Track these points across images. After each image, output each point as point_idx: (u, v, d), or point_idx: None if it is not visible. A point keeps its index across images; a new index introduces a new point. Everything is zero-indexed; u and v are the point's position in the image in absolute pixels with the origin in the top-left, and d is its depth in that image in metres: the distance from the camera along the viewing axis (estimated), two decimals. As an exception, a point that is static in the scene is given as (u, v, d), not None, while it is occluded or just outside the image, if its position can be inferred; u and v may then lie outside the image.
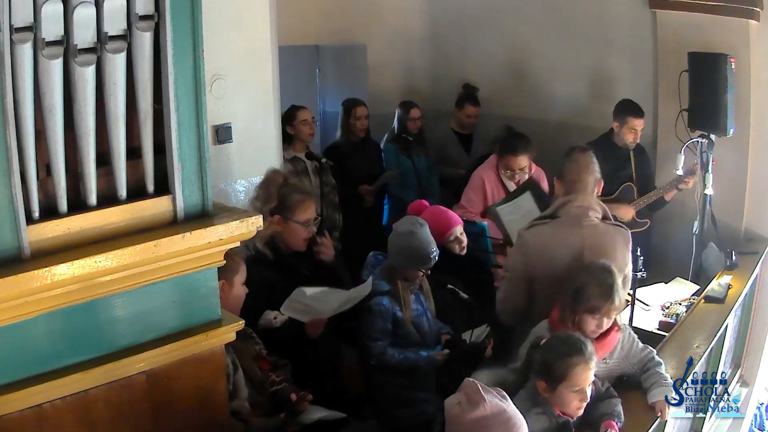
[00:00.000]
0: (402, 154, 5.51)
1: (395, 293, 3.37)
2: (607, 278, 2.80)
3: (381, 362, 3.38)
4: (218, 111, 3.72)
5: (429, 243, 3.36)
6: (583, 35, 5.67)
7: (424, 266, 3.37)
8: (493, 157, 4.62)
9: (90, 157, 1.97)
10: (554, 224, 3.16)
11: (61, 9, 1.84)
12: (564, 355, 2.51)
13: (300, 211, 3.27)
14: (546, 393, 2.54)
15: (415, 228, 3.38)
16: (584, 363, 2.51)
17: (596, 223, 3.13)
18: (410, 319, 3.40)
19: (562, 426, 2.57)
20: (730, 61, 4.39)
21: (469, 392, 2.12)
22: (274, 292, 3.17)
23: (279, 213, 3.26)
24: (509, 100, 6.17)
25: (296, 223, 3.27)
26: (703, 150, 4.66)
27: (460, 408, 2.12)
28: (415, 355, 3.38)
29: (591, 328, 2.80)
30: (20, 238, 1.87)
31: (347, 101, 5.47)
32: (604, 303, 2.77)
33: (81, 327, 2.03)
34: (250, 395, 2.63)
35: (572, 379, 2.50)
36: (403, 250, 3.38)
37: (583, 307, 2.78)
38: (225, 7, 3.65)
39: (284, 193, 3.29)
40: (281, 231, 3.29)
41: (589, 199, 3.14)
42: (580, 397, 2.53)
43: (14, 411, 1.92)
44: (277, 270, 3.26)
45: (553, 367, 2.51)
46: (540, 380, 2.54)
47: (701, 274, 4.71)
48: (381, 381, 3.47)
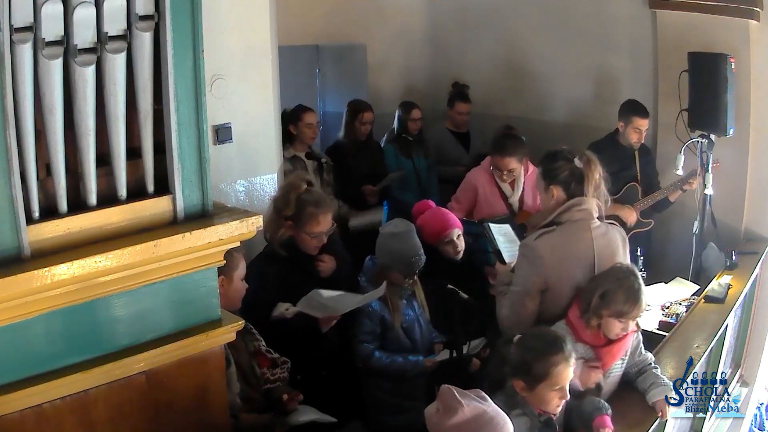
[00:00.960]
0: (402, 154, 5.51)
1: (384, 296, 3.35)
2: (633, 282, 2.79)
3: (367, 364, 3.37)
4: (218, 111, 3.72)
5: (412, 246, 3.34)
6: (583, 35, 5.67)
7: (407, 269, 3.35)
8: (488, 158, 4.61)
9: (90, 157, 1.97)
10: (562, 231, 3.04)
11: (61, 9, 1.84)
12: (544, 353, 2.47)
13: (312, 224, 3.29)
14: (524, 392, 2.50)
15: (397, 230, 3.38)
16: (565, 361, 2.48)
17: (599, 224, 3.09)
18: (399, 324, 3.39)
19: (546, 424, 2.54)
20: (730, 61, 4.39)
21: (445, 398, 2.12)
22: (288, 288, 3.23)
23: (292, 220, 3.30)
24: (509, 101, 6.17)
25: (306, 234, 3.30)
26: (703, 150, 4.66)
27: (438, 415, 2.11)
28: (403, 359, 3.36)
29: (616, 332, 2.79)
30: (20, 238, 1.87)
31: (355, 104, 5.43)
32: (632, 307, 2.76)
33: (81, 327, 2.03)
34: (242, 390, 2.64)
35: (553, 378, 2.46)
36: (386, 252, 3.38)
37: (609, 311, 2.77)
38: (225, 7, 3.65)
39: (301, 204, 3.29)
40: (293, 235, 3.32)
41: (590, 203, 3.10)
42: (560, 395, 2.50)
43: (14, 411, 1.92)
44: (292, 267, 3.30)
45: (532, 367, 2.47)
46: (517, 380, 2.51)
47: (701, 274, 4.71)
48: (369, 385, 3.46)
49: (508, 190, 4.46)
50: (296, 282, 3.25)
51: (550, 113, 5.96)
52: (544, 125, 5.83)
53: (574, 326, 2.83)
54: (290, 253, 3.32)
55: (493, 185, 4.46)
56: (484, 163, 4.56)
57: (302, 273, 3.32)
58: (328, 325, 3.19)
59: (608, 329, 2.79)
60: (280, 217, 3.29)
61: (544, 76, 6.01)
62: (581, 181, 3.05)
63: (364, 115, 5.33)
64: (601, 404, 2.70)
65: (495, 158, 4.39)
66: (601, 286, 2.80)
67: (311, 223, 3.29)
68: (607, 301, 2.76)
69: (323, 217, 3.32)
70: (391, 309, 3.37)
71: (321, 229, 3.31)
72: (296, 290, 3.18)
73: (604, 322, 2.79)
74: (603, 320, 2.78)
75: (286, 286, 3.24)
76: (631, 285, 2.78)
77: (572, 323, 2.85)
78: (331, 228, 3.38)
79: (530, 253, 3.05)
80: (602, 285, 2.81)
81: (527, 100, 6.10)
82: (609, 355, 2.86)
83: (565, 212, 3.05)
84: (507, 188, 4.46)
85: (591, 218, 3.06)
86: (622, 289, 2.76)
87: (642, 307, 2.79)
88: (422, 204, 3.93)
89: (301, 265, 3.34)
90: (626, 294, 2.75)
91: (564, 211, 3.05)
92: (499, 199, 4.45)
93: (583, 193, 3.07)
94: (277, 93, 4.20)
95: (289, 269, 3.30)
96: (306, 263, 3.36)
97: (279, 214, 3.30)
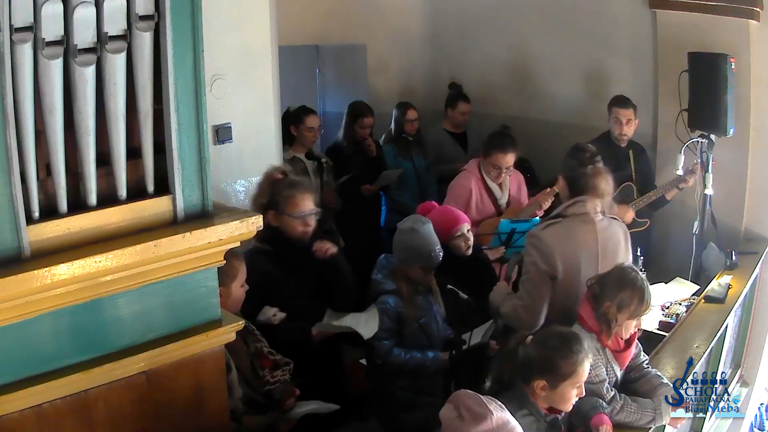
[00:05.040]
0: (400, 155, 5.51)
1: (401, 293, 3.38)
2: (636, 279, 2.85)
3: (386, 361, 3.39)
4: (218, 111, 3.72)
5: (431, 241, 3.37)
6: (583, 35, 5.67)
7: (427, 264, 3.38)
8: (473, 162, 4.57)
9: (90, 157, 1.97)
10: (566, 223, 3.19)
11: (61, 9, 1.84)
12: (570, 351, 2.51)
13: (291, 205, 3.28)
14: (544, 391, 2.51)
15: (417, 225, 3.40)
16: (587, 357, 2.54)
17: (602, 218, 3.21)
18: (416, 320, 3.40)
19: (552, 424, 2.56)
20: (730, 61, 4.40)
21: (470, 404, 2.10)
22: (273, 285, 3.21)
23: (273, 208, 3.29)
24: (509, 101, 6.17)
25: (289, 216, 3.28)
26: (703, 150, 4.66)
27: (461, 421, 2.08)
28: (421, 355, 3.38)
29: (631, 330, 2.86)
30: (20, 238, 1.87)
31: (355, 107, 5.41)
32: (642, 305, 2.82)
33: (81, 327, 2.03)
34: (245, 394, 2.64)
35: (578, 375, 2.50)
36: (405, 247, 3.40)
37: (627, 315, 2.81)
38: (225, 7, 3.66)
39: (275, 189, 3.31)
40: (278, 226, 3.30)
41: (594, 200, 3.18)
42: (579, 392, 2.54)
43: (14, 411, 1.92)
44: (276, 262, 3.29)
45: (559, 365, 2.49)
46: (539, 379, 2.52)
47: (701, 274, 4.71)
48: (386, 382, 3.47)
49: (498, 192, 4.47)
50: (281, 278, 3.24)
51: (549, 113, 5.95)
52: (543, 125, 5.84)
53: (595, 330, 2.86)
54: (275, 247, 3.30)
55: (483, 188, 4.46)
56: (471, 168, 4.52)
57: (289, 266, 3.30)
58: (323, 337, 3.21)
59: (626, 330, 2.85)
60: (258, 208, 3.25)
61: (544, 76, 6.01)
62: (586, 187, 3.19)
63: (365, 120, 5.33)
64: (598, 403, 2.72)
65: (495, 156, 4.38)
66: (613, 295, 2.82)
67: (289, 204, 3.27)
68: (624, 308, 2.81)
69: (301, 196, 3.31)
70: (408, 305, 3.38)
71: (302, 209, 3.29)
72: (280, 287, 3.17)
73: (623, 326, 2.84)
74: (622, 324, 2.84)
75: (270, 283, 3.21)
76: (640, 286, 2.83)
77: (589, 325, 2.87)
78: (314, 210, 3.36)
79: (538, 242, 3.20)
80: (614, 293, 2.82)
81: (527, 100, 6.10)
82: (627, 355, 2.92)
83: (571, 206, 3.21)
84: (497, 190, 4.47)
85: (595, 212, 3.19)
86: (631, 289, 2.81)
87: (651, 301, 2.87)
88: (426, 205, 3.94)
89: (288, 257, 3.31)
90: (639, 296, 2.81)
91: (570, 205, 3.22)
92: (489, 202, 4.46)
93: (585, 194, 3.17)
94: (277, 93, 4.20)
95: (274, 263, 3.28)
96: (293, 255, 3.33)
97: (256, 204, 3.29)
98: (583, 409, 2.69)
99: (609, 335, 2.83)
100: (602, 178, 3.23)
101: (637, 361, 3.00)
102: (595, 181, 3.21)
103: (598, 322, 2.84)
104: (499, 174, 4.40)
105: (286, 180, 3.39)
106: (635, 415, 2.81)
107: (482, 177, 4.46)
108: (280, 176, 3.39)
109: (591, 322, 2.86)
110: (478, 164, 4.49)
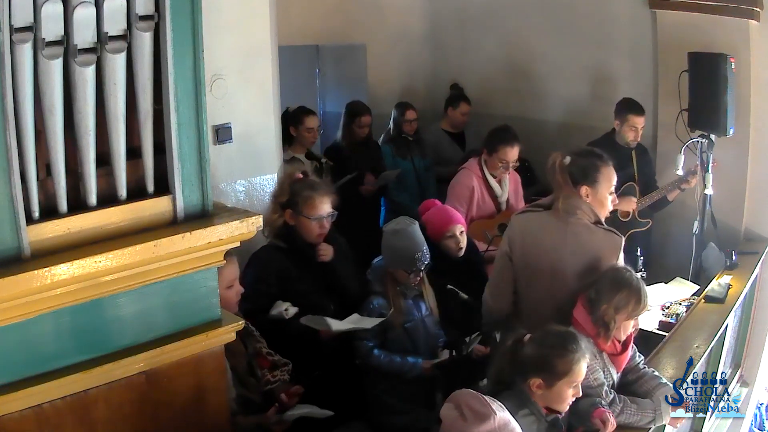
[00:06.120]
0: (399, 155, 5.51)
1: (386, 295, 3.37)
2: (632, 279, 2.83)
3: (366, 361, 3.38)
4: (218, 111, 3.72)
5: (415, 243, 3.33)
6: (583, 35, 5.67)
7: (410, 266, 3.33)
8: (473, 160, 4.57)
9: (90, 157, 1.97)
10: (544, 214, 3.13)
11: (61, 9, 1.84)
12: (566, 350, 2.50)
13: (308, 207, 3.30)
14: (540, 390, 2.51)
15: (400, 227, 3.38)
16: (583, 357, 2.53)
17: (584, 223, 3.04)
18: (400, 324, 3.38)
19: (552, 424, 2.55)
20: (730, 61, 4.39)
21: (475, 403, 2.09)
22: (287, 281, 3.25)
23: (290, 207, 3.32)
24: (508, 101, 6.16)
25: (306, 218, 3.31)
26: (703, 150, 4.65)
27: (464, 421, 2.07)
28: (401, 359, 3.35)
29: (628, 330, 2.85)
30: (20, 238, 1.87)
31: (353, 107, 5.42)
32: (639, 305, 2.81)
33: (81, 327, 2.03)
34: (239, 394, 2.63)
35: (574, 374, 2.50)
36: (389, 248, 3.39)
37: (624, 316, 2.80)
38: (225, 7, 3.65)
39: (295, 189, 3.33)
40: (294, 224, 3.33)
41: (578, 201, 3.05)
42: (575, 392, 2.53)
43: (14, 411, 1.92)
44: (291, 259, 3.32)
45: (554, 363, 2.49)
46: (535, 378, 2.51)
47: (701, 274, 4.71)
48: (368, 383, 3.46)
49: (498, 189, 4.48)
50: (295, 274, 3.28)
51: (549, 113, 5.95)
52: (543, 125, 5.83)
53: (590, 333, 2.84)
54: (290, 244, 3.33)
55: (484, 186, 4.46)
56: (472, 166, 4.53)
57: (303, 263, 3.33)
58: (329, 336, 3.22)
59: (624, 332, 2.84)
60: (277, 206, 3.31)
61: (544, 76, 6.00)
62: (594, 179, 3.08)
63: (362, 119, 5.33)
64: (596, 400, 2.72)
65: (503, 150, 4.39)
66: (610, 298, 2.80)
67: (308, 206, 3.30)
68: (621, 309, 2.79)
69: (320, 199, 3.33)
70: (393, 308, 3.36)
71: (319, 212, 3.32)
72: (297, 282, 3.20)
73: (621, 327, 2.83)
74: (620, 325, 2.82)
75: (286, 278, 3.26)
76: (636, 285, 2.82)
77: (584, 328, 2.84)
78: (331, 213, 3.38)
79: (510, 223, 3.26)
80: (610, 296, 2.80)
81: (527, 100, 6.10)
82: (623, 358, 2.90)
83: (557, 200, 3.08)
84: (497, 187, 4.48)
85: (574, 213, 3.04)
86: (632, 293, 2.80)
87: (648, 301, 2.86)
88: (428, 203, 3.94)
89: (302, 255, 3.34)
90: (636, 296, 2.80)
91: (557, 198, 3.09)
92: (490, 200, 4.46)
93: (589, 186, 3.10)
94: (277, 93, 4.20)
95: (290, 260, 3.32)
96: (307, 252, 3.35)
97: (276, 202, 3.33)
98: (582, 407, 2.69)
99: (607, 338, 2.81)
100: (612, 174, 3.11)
101: (634, 363, 2.99)
102: (604, 174, 3.07)
103: (596, 325, 2.82)
104: (507, 169, 4.41)
105: (306, 181, 3.41)
106: (635, 416, 2.81)
107: (483, 175, 4.46)
108: (301, 176, 3.42)
109: (587, 326, 2.84)
110: (479, 162, 4.50)
